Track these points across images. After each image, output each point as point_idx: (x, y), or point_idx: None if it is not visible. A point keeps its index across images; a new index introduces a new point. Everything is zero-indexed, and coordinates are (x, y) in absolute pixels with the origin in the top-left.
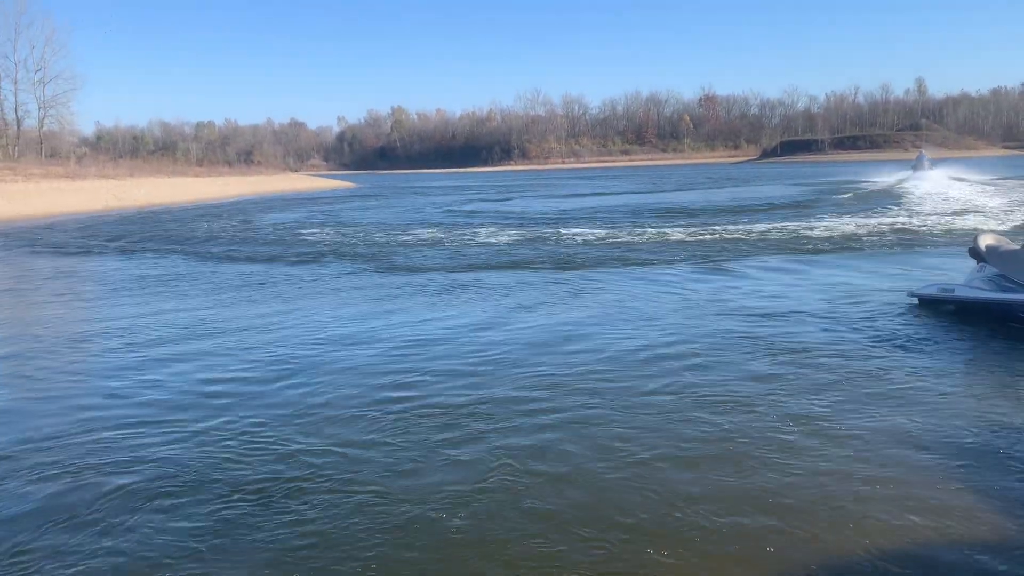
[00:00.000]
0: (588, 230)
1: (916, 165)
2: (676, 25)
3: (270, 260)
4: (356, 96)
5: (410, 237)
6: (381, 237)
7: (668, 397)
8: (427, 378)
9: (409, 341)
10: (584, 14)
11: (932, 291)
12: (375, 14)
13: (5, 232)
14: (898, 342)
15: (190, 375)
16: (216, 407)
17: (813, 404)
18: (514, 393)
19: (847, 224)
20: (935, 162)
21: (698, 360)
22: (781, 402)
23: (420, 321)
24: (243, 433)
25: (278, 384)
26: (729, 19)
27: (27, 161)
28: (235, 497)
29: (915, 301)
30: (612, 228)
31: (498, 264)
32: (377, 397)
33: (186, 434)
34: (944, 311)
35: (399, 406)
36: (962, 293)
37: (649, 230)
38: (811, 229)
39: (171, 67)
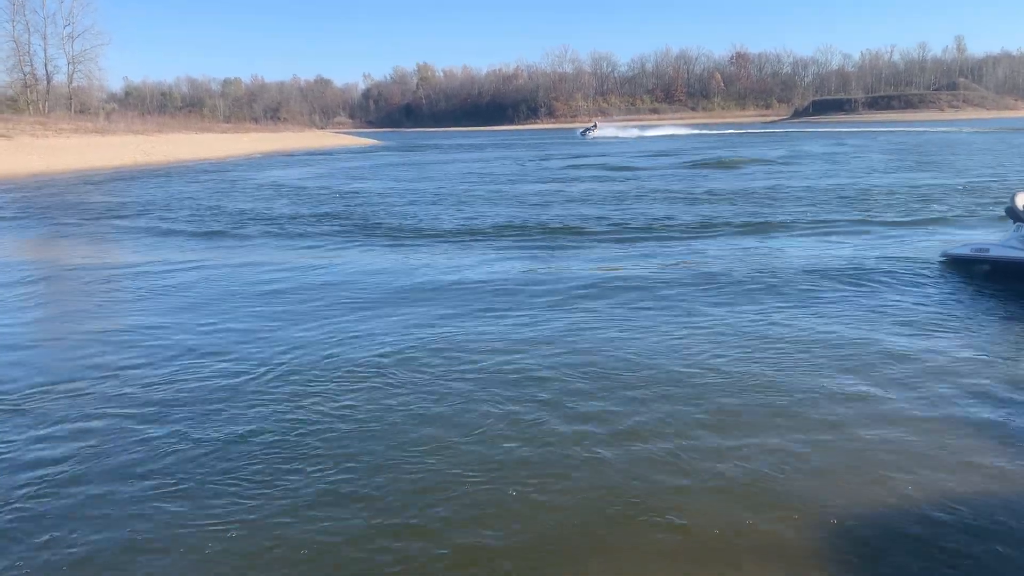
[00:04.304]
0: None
1: (591, 128)
2: None
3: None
4: (382, 53)
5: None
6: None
7: (698, 352)
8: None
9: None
10: None
11: (965, 251)
12: None
13: (38, 185)
14: (929, 304)
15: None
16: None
17: (839, 366)
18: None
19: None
20: (603, 126)
21: (730, 322)
22: (808, 364)
23: None
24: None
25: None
26: None
27: (57, 116)
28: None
29: (948, 262)
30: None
31: None
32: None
33: (193, 388)
34: (978, 272)
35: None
36: (997, 253)
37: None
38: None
39: (198, 23)
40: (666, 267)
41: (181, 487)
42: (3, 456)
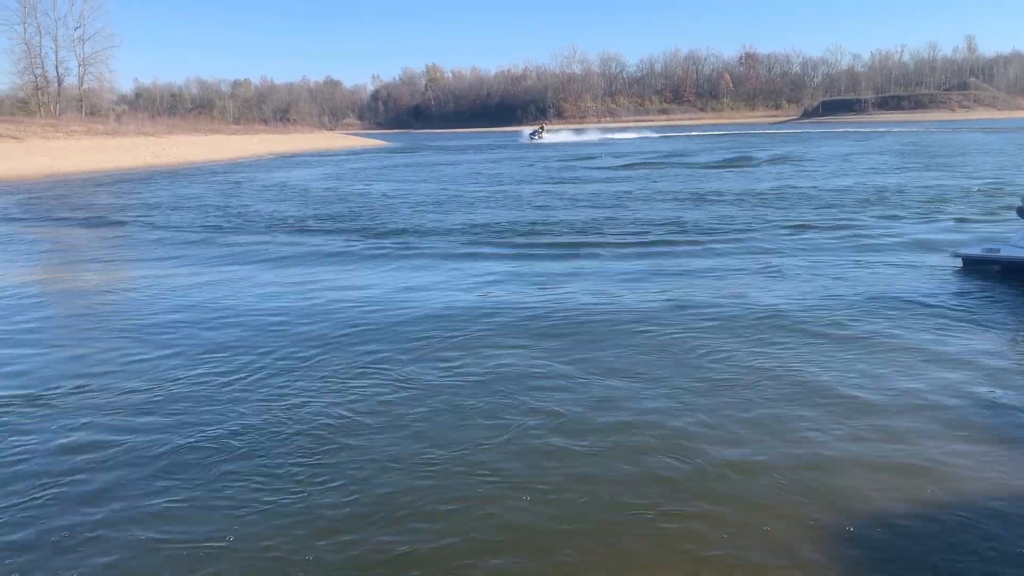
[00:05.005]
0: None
1: (537, 133)
2: None
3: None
4: (390, 54)
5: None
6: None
7: (707, 357)
8: None
9: None
10: None
11: (976, 251)
12: None
13: (51, 186)
14: (937, 304)
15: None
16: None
17: (846, 372)
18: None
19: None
20: (552, 132)
21: (738, 325)
22: (819, 371)
23: None
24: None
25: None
26: None
27: (68, 118)
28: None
29: (959, 262)
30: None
31: None
32: None
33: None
34: (989, 272)
35: None
36: (1008, 253)
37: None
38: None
39: (206, 24)
40: (674, 289)
41: (184, 492)
42: (5, 459)
